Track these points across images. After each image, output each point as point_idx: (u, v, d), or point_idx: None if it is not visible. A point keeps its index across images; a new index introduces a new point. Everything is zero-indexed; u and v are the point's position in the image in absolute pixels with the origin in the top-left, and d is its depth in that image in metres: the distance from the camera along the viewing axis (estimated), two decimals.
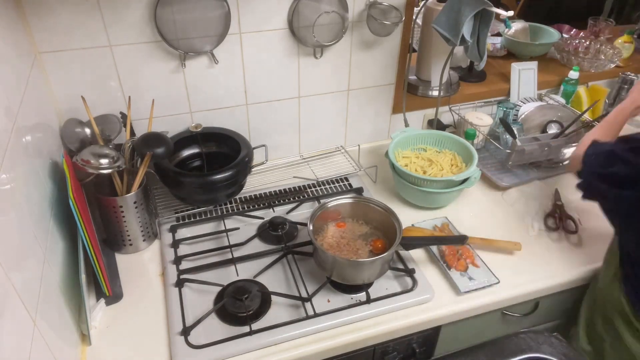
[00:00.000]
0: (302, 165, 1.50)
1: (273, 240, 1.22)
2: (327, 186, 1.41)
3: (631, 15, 2.52)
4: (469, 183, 1.30)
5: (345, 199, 1.18)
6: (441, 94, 1.51)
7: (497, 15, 1.25)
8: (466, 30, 1.24)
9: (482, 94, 1.68)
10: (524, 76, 1.68)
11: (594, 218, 1.32)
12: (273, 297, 1.06)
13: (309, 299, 1.05)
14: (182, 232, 1.25)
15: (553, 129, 1.50)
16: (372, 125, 1.59)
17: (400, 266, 1.15)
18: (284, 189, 1.39)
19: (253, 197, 1.36)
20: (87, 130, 1.19)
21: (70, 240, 1.07)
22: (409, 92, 1.57)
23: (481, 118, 1.54)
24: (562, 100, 1.65)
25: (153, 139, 1.15)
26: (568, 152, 1.44)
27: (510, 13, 1.27)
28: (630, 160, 0.90)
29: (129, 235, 1.16)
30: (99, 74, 1.19)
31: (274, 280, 1.12)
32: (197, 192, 1.24)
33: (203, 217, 1.28)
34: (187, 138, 1.32)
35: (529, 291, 1.13)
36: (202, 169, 1.35)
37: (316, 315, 1.02)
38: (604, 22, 2.00)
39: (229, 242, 1.20)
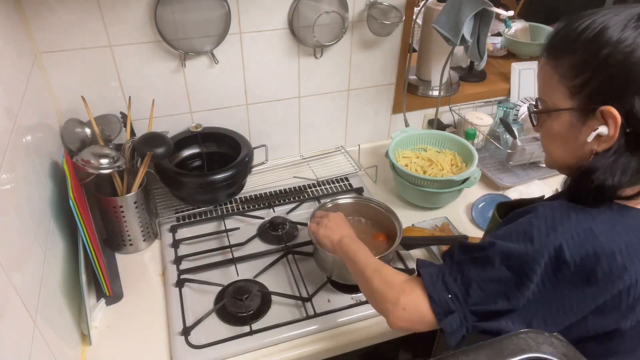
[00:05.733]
0: (302, 165, 1.50)
1: (273, 240, 1.22)
2: (327, 186, 1.41)
3: None
4: (469, 183, 1.30)
5: (345, 199, 1.18)
6: (441, 94, 1.51)
7: (497, 15, 1.25)
8: (466, 30, 1.24)
9: (482, 94, 1.68)
10: (524, 76, 1.68)
11: None
12: (273, 297, 1.06)
13: (309, 299, 1.05)
14: (182, 232, 1.25)
15: None
16: (372, 125, 1.59)
17: (401, 266, 1.15)
18: (284, 189, 1.39)
19: (253, 197, 1.36)
20: (87, 130, 1.18)
21: (70, 240, 1.07)
22: (409, 92, 1.57)
23: (481, 118, 1.54)
24: None
25: (153, 139, 1.15)
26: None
27: (510, 13, 1.28)
28: None
29: (129, 235, 1.16)
30: (99, 74, 1.19)
31: (274, 280, 1.12)
32: (197, 192, 1.24)
33: (203, 217, 1.28)
34: (187, 138, 1.32)
35: None
36: (202, 169, 1.35)
37: (316, 315, 1.02)
38: None
39: (229, 242, 1.20)
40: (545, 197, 0.92)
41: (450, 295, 0.71)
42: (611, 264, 0.63)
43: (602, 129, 0.67)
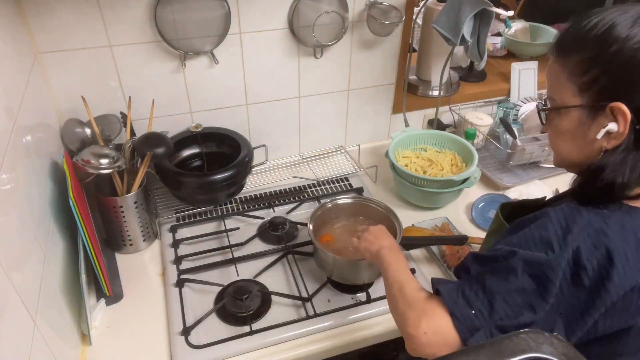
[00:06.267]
0: (302, 165, 1.50)
1: (273, 240, 1.22)
2: (327, 186, 1.41)
3: None
4: (469, 183, 1.30)
5: (345, 199, 1.18)
6: (441, 93, 1.51)
7: (497, 15, 1.25)
8: (466, 30, 1.24)
9: (482, 94, 1.68)
10: (524, 76, 1.68)
11: None
12: (273, 297, 1.06)
13: (309, 299, 1.05)
14: (183, 232, 1.25)
15: None
16: (372, 125, 1.59)
17: None
18: (284, 189, 1.39)
19: (253, 197, 1.36)
20: (87, 130, 1.18)
21: (70, 240, 1.07)
22: (409, 92, 1.57)
23: (481, 118, 1.54)
24: None
25: (153, 139, 1.15)
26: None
27: (510, 13, 1.28)
28: None
29: (129, 235, 1.16)
30: (99, 74, 1.19)
31: (274, 280, 1.11)
32: (197, 192, 1.24)
33: (203, 217, 1.28)
34: (187, 138, 1.32)
35: None
36: (202, 169, 1.35)
37: (316, 315, 1.02)
38: None
39: (229, 242, 1.20)
40: (546, 198, 0.92)
41: (474, 311, 0.68)
42: (624, 265, 0.63)
43: (612, 126, 0.66)
